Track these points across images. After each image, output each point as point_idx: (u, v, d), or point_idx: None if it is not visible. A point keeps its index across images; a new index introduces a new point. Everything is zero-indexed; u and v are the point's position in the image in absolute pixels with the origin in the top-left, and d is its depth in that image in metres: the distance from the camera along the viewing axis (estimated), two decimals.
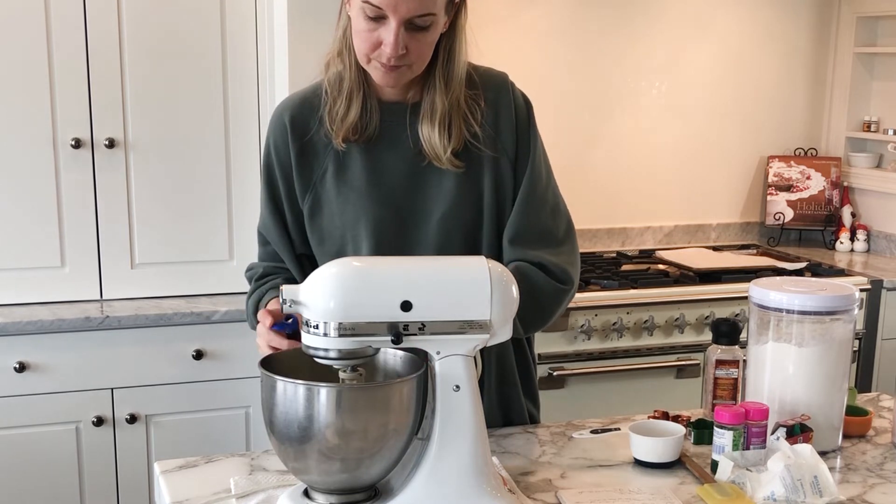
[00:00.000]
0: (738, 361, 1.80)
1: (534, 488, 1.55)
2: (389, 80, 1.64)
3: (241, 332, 2.81)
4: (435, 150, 1.69)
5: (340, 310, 1.34)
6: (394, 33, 1.56)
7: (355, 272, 1.38)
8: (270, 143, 1.77)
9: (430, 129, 1.69)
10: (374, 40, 1.59)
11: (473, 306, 1.37)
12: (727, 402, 1.78)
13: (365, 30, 1.59)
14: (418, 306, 1.35)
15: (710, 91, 3.76)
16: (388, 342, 1.36)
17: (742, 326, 1.81)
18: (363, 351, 1.38)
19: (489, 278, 1.38)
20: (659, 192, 3.74)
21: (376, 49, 1.59)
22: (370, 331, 1.35)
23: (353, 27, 1.62)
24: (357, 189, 1.71)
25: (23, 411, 2.69)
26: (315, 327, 1.35)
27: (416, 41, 1.59)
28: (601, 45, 3.58)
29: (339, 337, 1.35)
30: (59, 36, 2.73)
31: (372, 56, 1.61)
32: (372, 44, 1.59)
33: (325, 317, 1.34)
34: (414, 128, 1.71)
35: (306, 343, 1.38)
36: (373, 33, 1.58)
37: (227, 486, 1.52)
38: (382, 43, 1.58)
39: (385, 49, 1.58)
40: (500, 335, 1.41)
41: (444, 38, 1.67)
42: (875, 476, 1.64)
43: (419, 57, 1.62)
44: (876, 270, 3.41)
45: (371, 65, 1.63)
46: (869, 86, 3.86)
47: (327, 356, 1.37)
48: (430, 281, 1.37)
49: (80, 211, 2.82)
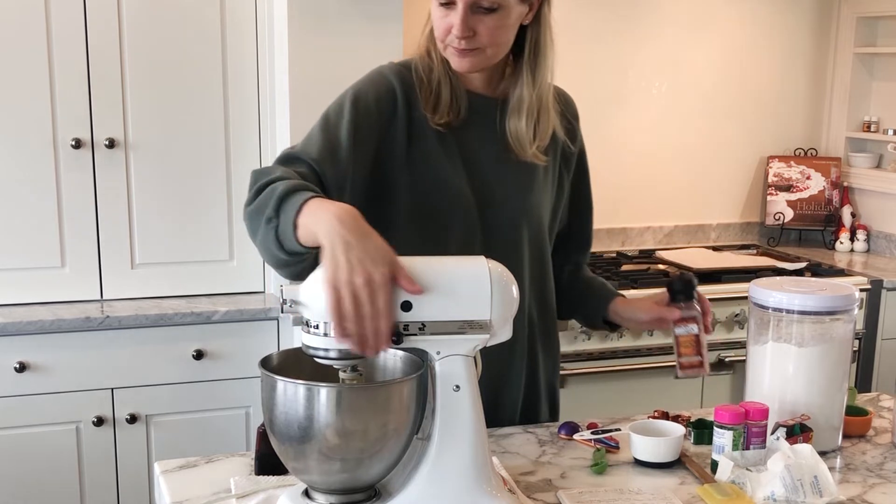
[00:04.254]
0: (696, 317, 1.78)
1: (534, 488, 1.55)
2: (464, 63, 1.69)
3: (241, 332, 2.81)
4: (521, 141, 1.75)
5: None
6: (461, 16, 1.63)
7: None
8: (370, 93, 1.71)
9: (517, 120, 1.75)
10: (445, 25, 1.66)
11: (474, 306, 1.37)
12: (692, 357, 1.77)
13: (439, 17, 1.67)
14: (418, 306, 1.35)
15: (710, 91, 3.77)
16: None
17: (696, 282, 1.81)
18: None
19: (489, 278, 1.38)
20: (659, 192, 3.75)
21: (448, 34, 1.66)
22: None
23: (431, 16, 1.70)
24: (458, 167, 1.73)
25: (23, 411, 2.69)
26: (315, 327, 1.35)
27: (483, 24, 1.64)
28: (601, 45, 3.58)
29: None
30: (59, 36, 2.73)
31: (446, 41, 1.67)
32: (444, 29, 1.66)
33: (325, 317, 1.34)
34: (502, 123, 1.76)
35: (306, 343, 1.38)
36: (445, 19, 1.65)
37: (227, 486, 1.52)
38: (453, 27, 1.65)
39: (455, 32, 1.64)
40: (500, 335, 1.41)
41: (530, 31, 1.72)
42: (875, 476, 1.64)
43: (491, 40, 1.67)
44: (876, 270, 3.41)
45: (447, 51, 1.69)
46: (869, 86, 3.86)
47: (327, 356, 1.37)
48: (431, 281, 1.37)
49: (80, 211, 2.82)
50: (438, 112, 1.73)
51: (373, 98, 1.71)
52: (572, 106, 1.94)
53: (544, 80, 1.76)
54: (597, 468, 1.62)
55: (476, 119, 1.76)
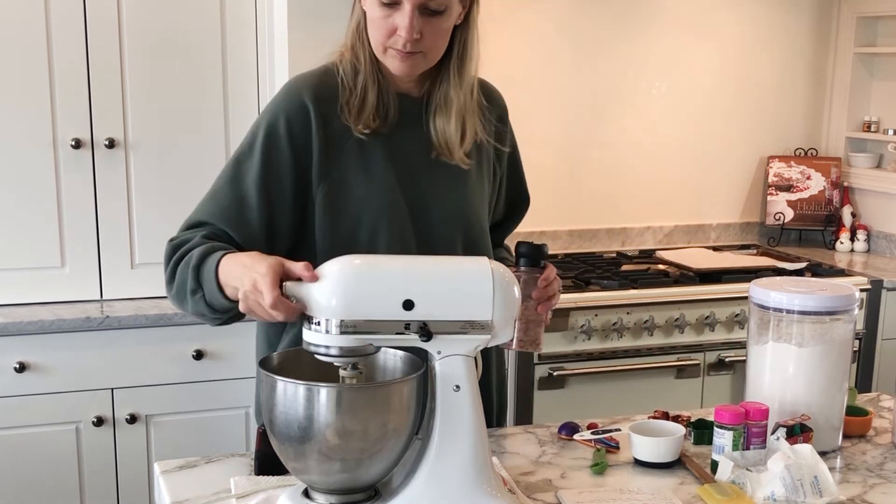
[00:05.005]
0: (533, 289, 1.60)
1: (534, 488, 1.55)
2: (405, 68, 1.64)
3: (241, 332, 2.80)
4: (448, 144, 1.71)
5: (342, 307, 1.34)
6: (409, 17, 1.57)
7: (358, 270, 1.38)
8: (281, 123, 1.67)
9: (444, 121, 1.71)
10: (389, 27, 1.60)
11: (475, 307, 1.37)
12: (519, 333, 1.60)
13: (380, 17, 1.60)
14: (420, 305, 1.35)
15: (710, 91, 3.76)
16: (389, 340, 1.37)
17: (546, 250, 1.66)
18: (364, 349, 1.38)
19: (492, 279, 1.38)
20: (659, 192, 3.74)
21: (391, 36, 1.61)
22: (372, 329, 1.35)
23: (368, 17, 1.64)
24: (379, 177, 1.68)
25: (23, 411, 2.69)
26: (317, 324, 1.35)
27: (430, 26, 1.60)
28: (601, 46, 3.58)
29: (341, 334, 1.35)
30: (59, 36, 2.73)
31: (388, 44, 1.62)
32: (387, 31, 1.61)
33: (327, 314, 1.34)
34: (428, 121, 1.72)
35: (307, 340, 1.38)
36: (388, 20, 1.60)
37: (227, 486, 1.52)
38: (398, 29, 1.59)
39: (400, 34, 1.59)
40: (501, 336, 1.41)
41: (459, 31, 1.69)
42: (875, 476, 1.64)
43: (434, 44, 1.63)
44: (876, 270, 3.41)
45: (387, 54, 1.64)
46: (869, 86, 3.86)
47: (328, 353, 1.37)
48: (433, 280, 1.38)
49: (80, 211, 2.82)
50: (363, 119, 1.67)
51: (284, 131, 1.65)
52: (498, 100, 1.86)
53: (471, 80, 1.72)
54: (597, 468, 1.62)
55: (406, 121, 1.72)
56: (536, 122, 3.48)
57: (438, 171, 1.73)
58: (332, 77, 1.70)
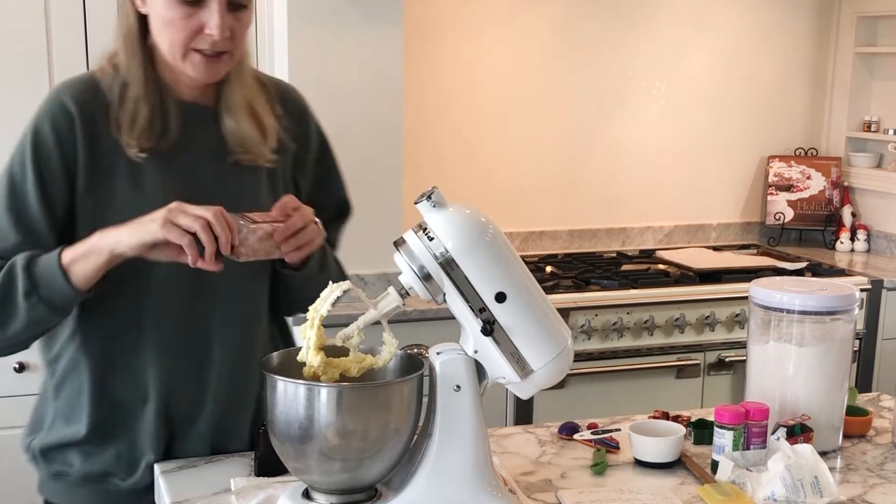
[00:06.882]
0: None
1: (534, 488, 1.55)
2: (210, 72, 1.49)
3: None
4: (245, 143, 1.56)
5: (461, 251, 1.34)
6: (218, 13, 1.44)
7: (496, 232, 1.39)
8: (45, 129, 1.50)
9: (236, 121, 1.56)
10: (192, 28, 1.45)
11: None
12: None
13: (180, 17, 1.44)
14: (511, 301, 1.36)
15: (710, 91, 3.76)
16: (458, 306, 1.37)
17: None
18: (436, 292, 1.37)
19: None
20: (659, 192, 3.74)
21: (196, 37, 1.46)
22: (462, 286, 1.35)
23: (162, 19, 1.46)
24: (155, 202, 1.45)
25: (23, 411, 2.68)
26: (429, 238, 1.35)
27: (238, 22, 1.48)
28: (601, 46, 3.58)
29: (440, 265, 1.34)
30: (59, 36, 2.73)
31: (192, 46, 1.46)
32: (191, 31, 1.45)
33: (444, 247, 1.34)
34: (218, 127, 1.57)
35: (400, 260, 1.36)
36: (190, 20, 1.45)
37: (227, 486, 1.52)
38: (205, 28, 1.45)
39: (212, 31, 1.45)
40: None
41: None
42: (875, 476, 1.64)
43: (241, 42, 1.51)
44: (876, 270, 3.41)
45: (188, 59, 1.48)
46: (869, 86, 3.86)
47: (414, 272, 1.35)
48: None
49: None
50: (136, 135, 1.49)
51: (50, 137, 1.50)
52: (295, 101, 1.70)
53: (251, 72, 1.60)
54: (597, 468, 1.62)
55: (194, 130, 1.55)
56: (536, 122, 3.49)
57: (232, 178, 1.58)
58: (97, 88, 1.52)
